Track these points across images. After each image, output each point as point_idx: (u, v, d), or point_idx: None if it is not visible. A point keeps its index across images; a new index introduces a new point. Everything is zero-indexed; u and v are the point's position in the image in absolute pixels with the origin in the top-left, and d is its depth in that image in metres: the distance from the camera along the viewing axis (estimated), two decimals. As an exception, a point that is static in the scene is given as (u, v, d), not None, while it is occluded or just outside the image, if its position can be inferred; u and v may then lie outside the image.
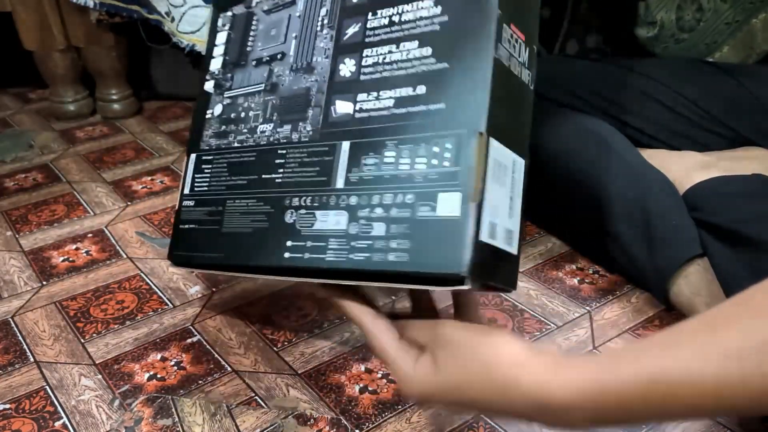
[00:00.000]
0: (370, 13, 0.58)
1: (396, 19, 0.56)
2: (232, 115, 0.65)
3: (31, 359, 0.65)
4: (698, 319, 0.41)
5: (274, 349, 0.65)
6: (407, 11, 0.56)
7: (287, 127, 0.62)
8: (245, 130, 0.64)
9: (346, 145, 0.56)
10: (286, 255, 0.56)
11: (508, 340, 0.46)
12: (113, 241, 0.84)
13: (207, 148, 0.65)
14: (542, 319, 0.68)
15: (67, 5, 1.11)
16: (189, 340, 0.67)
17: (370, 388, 0.60)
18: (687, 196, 0.70)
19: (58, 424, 0.58)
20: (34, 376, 0.63)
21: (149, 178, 1.01)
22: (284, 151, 0.60)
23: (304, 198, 0.58)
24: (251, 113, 0.64)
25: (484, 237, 0.46)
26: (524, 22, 0.53)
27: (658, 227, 0.67)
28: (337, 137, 0.57)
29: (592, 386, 0.41)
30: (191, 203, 0.64)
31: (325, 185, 0.56)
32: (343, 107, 0.57)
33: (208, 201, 0.63)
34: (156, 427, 0.57)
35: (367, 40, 0.58)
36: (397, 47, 0.55)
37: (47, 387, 0.62)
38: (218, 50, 0.69)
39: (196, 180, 0.65)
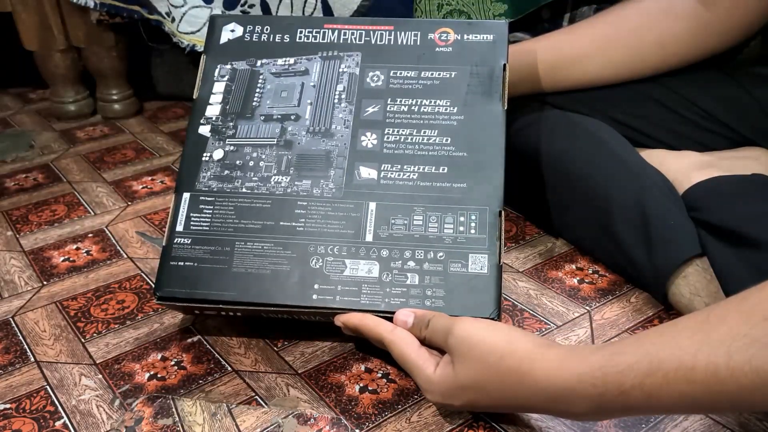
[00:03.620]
0: (389, 99, 0.67)
1: (415, 108, 0.66)
2: (238, 162, 0.67)
3: (32, 359, 0.65)
4: (694, 316, 0.43)
5: (274, 349, 0.65)
6: (426, 104, 0.66)
7: (307, 182, 0.65)
8: (255, 178, 0.66)
9: (372, 205, 0.63)
10: (315, 297, 0.61)
11: (520, 335, 0.51)
12: (114, 241, 0.84)
13: (206, 189, 0.66)
14: (542, 318, 0.68)
15: (67, 5, 1.11)
16: (189, 340, 0.67)
17: (370, 388, 0.60)
18: (686, 196, 0.70)
19: (58, 423, 0.58)
20: (35, 375, 0.63)
21: (150, 178, 1.01)
22: (305, 203, 0.64)
23: (331, 247, 0.61)
24: (262, 163, 0.66)
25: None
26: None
27: (657, 227, 0.67)
28: (363, 197, 0.63)
29: (595, 374, 0.44)
30: (187, 241, 0.64)
31: (353, 237, 0.61)
32: (367, 173, 0.64)
33: (211, 240, 0.63)
34: (156, 426, 0.57)
35: (387, 120, 0.66)
36: (418, 132, 0.65)
37: (48, 387, 0.62)
38: (216, 98, 0.70)
39: (193, 219, 0.65)
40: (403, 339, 0.56)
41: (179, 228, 0.65)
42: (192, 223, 0.64)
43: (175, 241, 0.64)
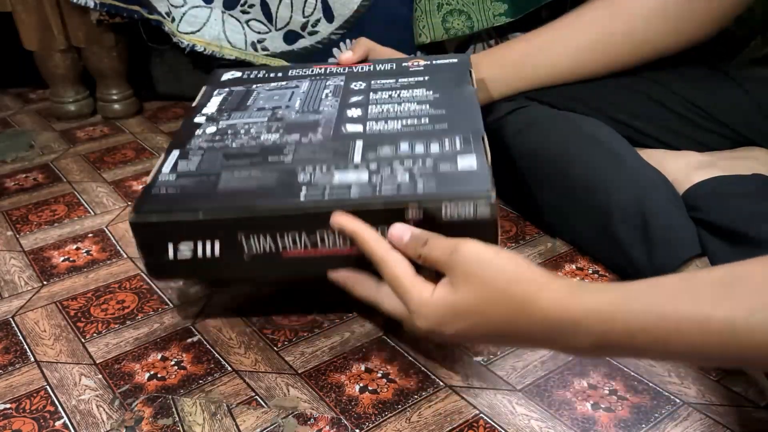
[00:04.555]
0: (371, 93, 0.73)
1: (395, 95, 0.72)
2: (230, 131, 0.68)
3: (32, 359, 0.65)
4: (718, 270, 0.43)
5: (274, 348, 0.65)
6: (404, 92, 0.72)
7: (296, 135, 0.65)
8: (246, 137, 0.66)
9: (359, 143, 0.64)
10: (302, 197, 0.57)
11: (529, 264, 0.48)
12: (114, 241, 0.84)
13: (197, 147, 0.66)
14: (542, 318, 0.68)
15: (67, 5, 1.11)
16: (189, 340, 0.67)
17: (370, 388, 0.60)
18: (686, 196, 0.70)
19: (58, 423, 0.58)
20: (35, 375, 0.63)
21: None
22: (293, 147, 0.64)
23: (320, 166, 0.60)
24: (253, 130, 0.67)
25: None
26: None
27: (657, 227, 0.67)
28: (350, 140, 0.62)
29: (603, 311, 0.43)
30: (172, 177, 0.61)
31: (341, 160, 0.61)
32: (353, 128, 0.66)
33: (197, 174, 0.61)
34: (156, 426, 0.57)
35: (370, 104, 0.71)
36: (399, 105, 0.69)
37: (48, 387, 0.62)
38: (213, 104, 0.75)
39: (180, 163, 0.63)
40: (399, 258, 0.52)
41: (165, 169, 0.62)
42: (179, 165, 0.63)
43: (159, 178, 0.61)
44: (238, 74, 0.81)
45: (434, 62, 0.79)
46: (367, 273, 0.56)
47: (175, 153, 0.65)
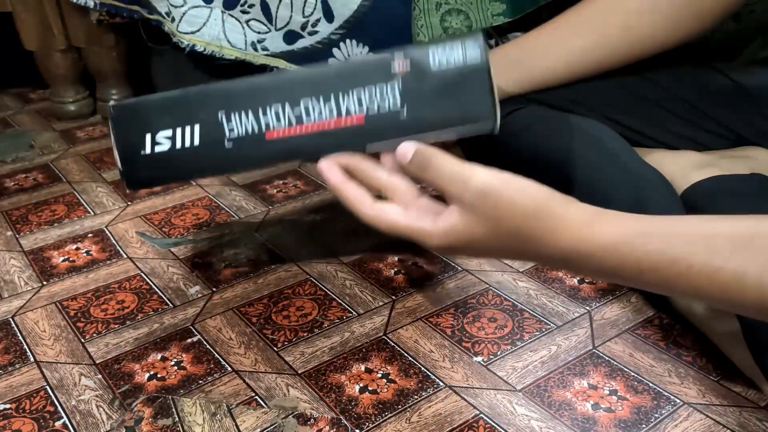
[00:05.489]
0: None
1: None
2: None
3: (32, 359, 0.65)
4: (736, 222, 0.44)
5: (274, 349, 0.65)
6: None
7: None
8: None
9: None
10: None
11: (544, 192, 0.48)
12: (113, 241, 0.84)
13: None
14: (542, 318, 0.68)
15: (67, 5, 1.11)
16: (189, 340, 0.67)
17: (370, 388, 0.60)
18: (685, 196, 0.70)
19: (58, 423, 0.58)
20: (35, 376, 0.63)
21: (149, 178, 1.01)
22: None
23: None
24: None
25: None
26: None
27: (657, 227, 0.66)
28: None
29: (619, 248, 0.44)
30: None
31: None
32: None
33: None
34: (156, 426, 0.57)
35: None
36: None
37: (47, 387, 0.62)
38: None
39: None
40: (397, 183, 0.50)
41: None
42: None
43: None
44: None
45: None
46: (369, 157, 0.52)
47: None
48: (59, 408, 0.59)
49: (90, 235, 0.86)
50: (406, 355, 0.64)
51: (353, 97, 0.52)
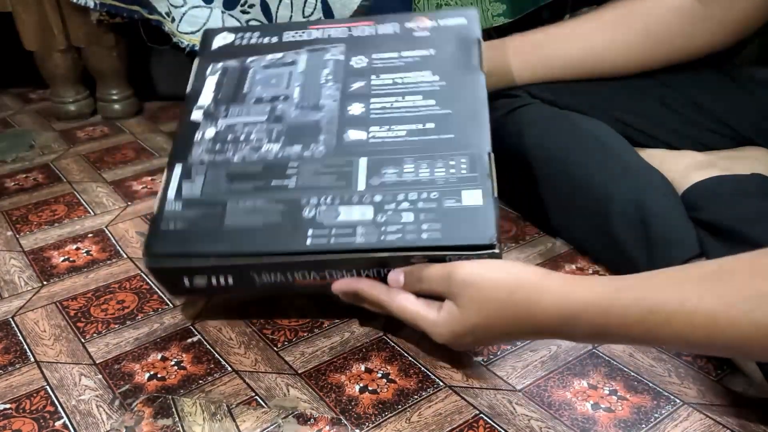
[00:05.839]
0: (373, 75, 0.70)
1: (399, 81, 0.69)
2: (229, 137, 0.69)
3: (32, 359, 0.65)
4: (705, 265, 0.47)
5: (274, 349, 0.65)
6: (408, 77, 0.69)
7: (297, 147, 0.66)
8: (247, 148, 0.66)
9: (363, 160, 0.64)
10: (309, 242, 0.60)
11: (521, 267, 0.54)
12: (114, 241, 0.84)
13: (199, 161, 0.66)
14: (542, 319, 0.68)
15: (67, 5, 1.11)
16: (189, 340, 0.67)
17: (370, 388, 0.60)
18: (685, 196, 0.70)
19: (58, 423, 0.58)
20: (35, 375, 0.63)
21: (150, 178, 1.01)
22: (296, 164, 0.65)
23: (324, 197, 0.62)
24: (253, 136, 0.68)
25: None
26: None
27: (656, 227, 0.67)
28: (353, 155, 0.64)
29: (600, 304, 0.47)
30: (178, 206, 0.63)
31: (345, 188, 0.61)
32: (356, 135, 0.66)
33: (203, 203, 0.63)
34: (156, 426, 0.57)
35: (373, 92, 0.69)
36: (403, 98, 0.68)
37: (47, 387, 0.62)
38: (208, 90, 0.73)
39: (185, 186, 0.65)
40: (399, 294, 0.58)
41: (171, 196, 0.64)
42: (184, 190, 0.64)
43: (166, 208, 0.64)
44: (231, 38, 0.77)
45: (440, 23, 0.74)
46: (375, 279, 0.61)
47: (178, 169, 0.66)
48: (59, 408, 0.59)
49: (90, 235, 0.86)
50: (406, 355, 0.64)
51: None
